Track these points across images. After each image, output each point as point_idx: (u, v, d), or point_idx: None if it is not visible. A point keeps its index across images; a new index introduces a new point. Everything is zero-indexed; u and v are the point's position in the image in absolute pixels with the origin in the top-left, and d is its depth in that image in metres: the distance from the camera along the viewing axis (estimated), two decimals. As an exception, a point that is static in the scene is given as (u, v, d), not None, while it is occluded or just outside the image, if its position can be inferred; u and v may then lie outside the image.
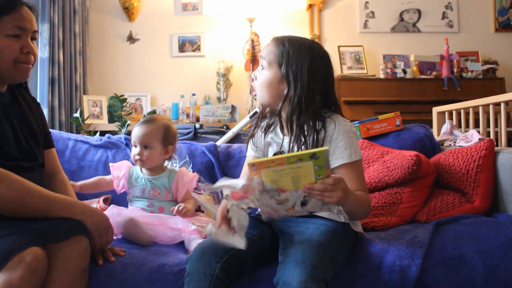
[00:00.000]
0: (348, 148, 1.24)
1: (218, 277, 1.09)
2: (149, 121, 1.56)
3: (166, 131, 1.55)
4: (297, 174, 1.03)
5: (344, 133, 1.26)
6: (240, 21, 3.91)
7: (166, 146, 1.55)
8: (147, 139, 1.52)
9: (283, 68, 1.28)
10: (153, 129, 1.53)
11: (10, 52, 1.20)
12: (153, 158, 1.53)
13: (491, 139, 1.65)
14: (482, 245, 1.24)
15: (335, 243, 1.17)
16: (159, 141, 1.53)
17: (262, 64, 1.32)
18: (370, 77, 3.83)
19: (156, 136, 1.53)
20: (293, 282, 1.02)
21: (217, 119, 3.78)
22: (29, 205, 1.13)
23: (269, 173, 1.03)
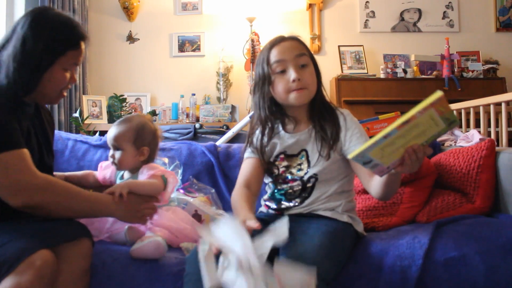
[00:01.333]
0: (363, 135, 1.32)
1: None
2: (122, 122, 1.47)
3: (139, 132, 1.45)
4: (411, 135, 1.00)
5: (354, 122, 1.35)
6: (240, 21, 3.90)
7: (139, 148, 1.44)
8: (117, 141, 1.43)
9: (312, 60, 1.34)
10: (123, 130, 1.44)
11: (62, 83, 1.26)
12: (124, 161, 1.44)
13: (491, 139, 1.64)
14: (483, 245, 1.23)
15: (337, 243, 1.17)
16: (130, 143, 1.43)
17: (301, 64, 1.30)
18: (370, 77, 3.82)
19: (126, 137, 1.43)
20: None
21: (217, 119, 3.77)
22: (76, 208, 1.18)
23: (377, 151, 1.00)
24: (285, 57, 1.28)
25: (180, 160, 1.86)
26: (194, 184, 1.72)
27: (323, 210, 1.30)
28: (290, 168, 1.34)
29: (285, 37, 1.34)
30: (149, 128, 1.49)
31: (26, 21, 1.19)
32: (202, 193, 1.68)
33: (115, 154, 1.43)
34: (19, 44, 1.17)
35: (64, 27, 1.22)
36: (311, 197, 1.31)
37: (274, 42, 1.33)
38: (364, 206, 1.62)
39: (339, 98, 3.57)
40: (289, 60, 1.28)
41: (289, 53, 1.29)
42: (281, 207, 1.34)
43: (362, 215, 1.59)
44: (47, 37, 1.18)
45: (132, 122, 1.46)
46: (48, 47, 1.18)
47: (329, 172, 1.31)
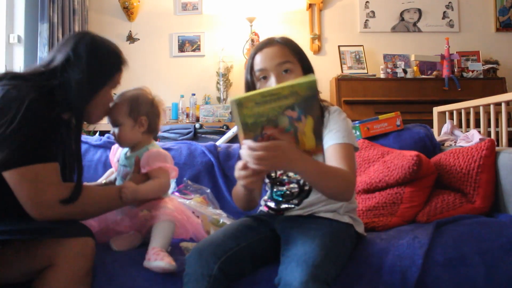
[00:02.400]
0: (340, 131, 1.24)
1: (216, 277, 1.09)
2: (117, 97, 1.44)
3: (133, 103, 1.42)
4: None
5: (336, 120, 1.27)
6: (240, 20, 3.90)
7: (136, 119, 1.42)
8: (114, 116, 1.41)
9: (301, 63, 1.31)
10: (117, 105, 1.41)
11: (110, 102, 1.37)
12: (124, 135, 1.41)
13: (492, 139, 1.64)
14: (483, 245, 1.23)
15: (338, 244, 1.17)
16: (126, 116, 1.40)
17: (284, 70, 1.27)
18: (370, 77, 3.82)
19: (121, 111, 1.40)
20: (294, 282, 1.01)
21: (217, 119, 3.77)
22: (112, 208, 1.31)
23: (257, 108, 0.96)
24: (266, 66, 1.27)
25: (180, 160, 1.86)
26: (189, 185, 1.71)
27: (324, 212, 1.29)
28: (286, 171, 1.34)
29: (271, 41, 1.31)
30: (145, 98, 1.47)
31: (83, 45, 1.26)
32: (198, 194, 1.68)
33: (115, 130, 1.42)
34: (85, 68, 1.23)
35: (114, 52, 1.35)
36: (310, 198, 1.30)
37: (257, 48, 1.32)
38: (364, 206, 1.62)
39: (339, 98, 3.57)
40: (270, 69, 1.26)
41: (270, 61, 1.27)
42: (281, 208, 1.34)
43: (362, 215, 1.59)
44: (106, 62, 1.30)
45: (125, 95, 1.45)
46: (104, 70, 1.29)
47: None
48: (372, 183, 1.65)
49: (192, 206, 1.57)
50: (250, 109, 0.95)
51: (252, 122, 0.96)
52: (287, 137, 0.99)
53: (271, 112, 0.95)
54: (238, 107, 0.95)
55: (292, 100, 0.95)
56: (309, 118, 0.98)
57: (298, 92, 0.94)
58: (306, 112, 0.97)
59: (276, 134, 0.98)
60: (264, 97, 0.94)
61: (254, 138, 0.98)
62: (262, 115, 0.96)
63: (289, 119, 0.97)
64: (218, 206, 1.69)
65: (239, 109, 0.95)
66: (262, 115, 0.96)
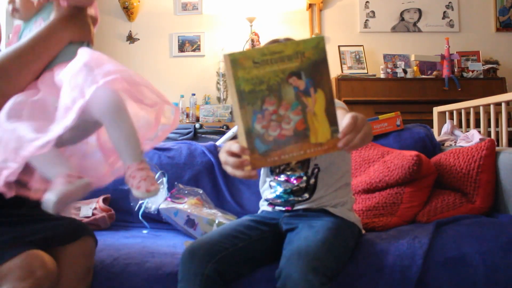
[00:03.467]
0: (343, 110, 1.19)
1: (209, 276, 1.08)
2: None
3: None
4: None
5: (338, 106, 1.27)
6: (240, 20, 3.90)
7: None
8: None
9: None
10: None
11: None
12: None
13: (492, 139, 1.64)
14: (483, 245, 1.23)
15: (341, 240, 1.17)
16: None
17: None
18: (370, 77, 3.82)
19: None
20: (294, 274, 1.01)
21: (217, 119, 3.77)
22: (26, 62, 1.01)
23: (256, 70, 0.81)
24: None
25: (180, 160, 1.86)
26: (181, 189, 1.70)
27: (331, 206, 1.30)
28: (290, 164, 1.34)
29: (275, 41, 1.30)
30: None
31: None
32: (192, 196, 1.67)
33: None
34: None
35: None
36: (318, 189, 1.31)
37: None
38: (364, 206, 1.62)
39: (339, 98, 3.57)
40: None
41: None
42: (290, 202, 1.33)
43: (362, 215, 1.59)
44: None
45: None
46: None
47: (327, 159, 1.31)
48: (372, 183, 1.65)
49: (186, 210, 1.57)
50: (247, 71, 0.79)
51: (250, 90, 0.80)
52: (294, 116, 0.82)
53: (273, 77, 0.80)
54: (233, 66, 0.79)
55: (297, 63, 0.80)
56: (320, 92, 0.82)
57: (304, 52, 0.80)
58: (315, 84, 0.82)
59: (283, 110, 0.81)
60: (264, 55, 0.79)
61: (253, 114, 0.82)
62: (261, 81, 0.80)
63: (295, 91, 0.82)
64: (213, 206, 1.68)
65: (234, 69, 0.79)
66: (262, 80, 0.80)
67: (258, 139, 0.83)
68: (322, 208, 1.29)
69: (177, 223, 1.59)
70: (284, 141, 0.84)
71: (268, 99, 0.81)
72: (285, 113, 0.82)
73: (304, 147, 0.85)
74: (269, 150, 0.84)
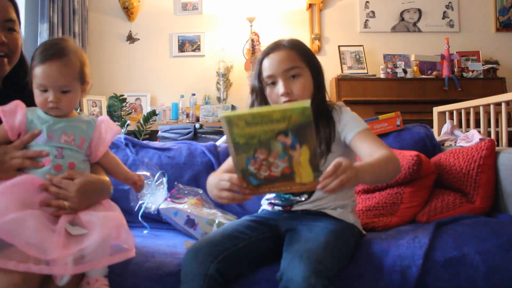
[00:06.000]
0: (357, 120, 1.31)
1: (212, 277, 1.08)
2: (60, 55, 1.15)
3: (83, 66, 1.20)
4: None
5: (346, 112, 1.34)
6: (240, 20, 3.90)
7: (83, 85, 1.21)
8: (66, 81, 1.15)
9: (310, 66, 1.31)
10: (71, 68, 1.16)
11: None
12: (73, 103, 1.19)
13: (492, 139, 1.64)
14: (483, 245, 1.23)
15: (342, 242, 1.17)
16: (78, 81, 1.19)
17: (291, 75, 1.28)
18: (370, 77, 3.82)
19: (75, 75, 1.17)
20: (296, 277, 1.01)
21: (217, 119, 3.77)
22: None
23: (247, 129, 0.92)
24: (274, 72, 1.28)
25: (180, 160, 1.86)
26: (181, 189, 1.70)
27: (331, 208, 1.30)
28: None
29: (278, 45, 1.31)
30: (86, 58, 1.25)
31: None
32: (191, 196, 1.67)
33: (62, 97, 1.15)
34: None
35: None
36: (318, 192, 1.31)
37: (264, 53, 1.32)
38: (364, 206, 1.62)
39: (339, 98, 3.57)
40: (277, 75, 1.27)
41: (277, 67, 1.27)
42: (290, 203, 1.33)
43: (362, 215, 1.59)
44: None
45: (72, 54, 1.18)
46: None
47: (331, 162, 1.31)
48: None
49: (186, 210, 1.57)
50: (240, 129, 0.91)
51: (244, 143, 0.92)
52: (282, 163, 0.95)
53: (263, 134, 0.91)
54: (228, 125, 0.91)
55: (284, 125, 0.89)
56: (305, 148, 0.92)
57: (290, 117, 0.89)
58: (301, 141, 0.91)
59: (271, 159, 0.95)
60: (254, 118, 0.89)
61: (247, 160, 0.95)
62: (253, 137, 0.91)
63: (282, 146, 0.92)
64: (213, 206, 1.68)
65: (229, 127, 0.91)
66: (254, 136, 0.91)
67: (252, 176, 0.99)
68: (321, 211, 1.29)
69: (177, 223, 1.58)
70: (273, 179, 0.98)
71: (259, 150, 0.94)
72: (274, 160, 0.95)
73: (290, 184, 0.99)
74: (261, 184, 1.00)
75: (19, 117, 1.15)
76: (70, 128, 1.17)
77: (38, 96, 1.15)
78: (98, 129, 1.22)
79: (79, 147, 1.18)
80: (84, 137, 1.19)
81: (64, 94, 1.15)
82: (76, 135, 1.18)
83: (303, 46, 1.34)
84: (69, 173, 1.13)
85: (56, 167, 1.13)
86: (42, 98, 1.15)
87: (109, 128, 1.25)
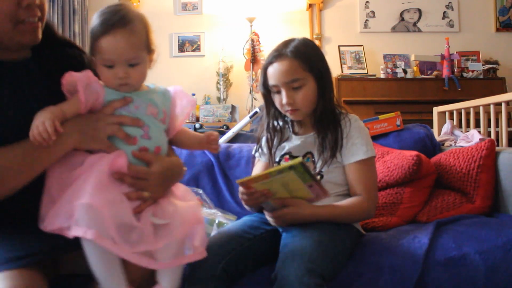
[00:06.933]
0: (365, 145, 1.29)
1: (219, 277, 1.09)
2: (124, 23, 1.00)
3: (148, 32, 1.08)
4: (285, 182, 1.13)
5: (359, 130, 1.31)
6: (240, 20, 3.90)
7: (150, 54, 1.09)
8: (134, 52, 1.02)
9: (314, 73, 1.30)
10: (136, 36, 1.03)
11: (3, 9, 0.95)
12: (143, 77, 1.07)
13: (492, 139, 1.64)
14: (483, 245, 1.23)
15: (337, 242, 1.17)
16: (145, 51, 1.07)
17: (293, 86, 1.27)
18: (370, 77, 3.82)
19: (142, 45, 1.05)
20: (290, 276, 1.02)
21: (217, 119, 3.77)
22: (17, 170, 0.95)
23: (260, 185, 1.13)
24: (277, 82, 1.28)
25: (180, 160, 1.86)
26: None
27: None
28: None
29: (281, 54, 1.29)
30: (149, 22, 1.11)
31: None
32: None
33: (131, 71, 1.02)
34: None
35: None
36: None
37: (268, 62, 1.31)
38: (364, 206, 1.62)
39: (339, 98, 3.57)
40: (280, 85, 1.28)
41: (279, 78, 1.28)
42: None
43: (362, 215, 1.59)
44: None
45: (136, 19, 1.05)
46: None
47: (334, 173, 1.31)
48: (372, 183, 1.65)
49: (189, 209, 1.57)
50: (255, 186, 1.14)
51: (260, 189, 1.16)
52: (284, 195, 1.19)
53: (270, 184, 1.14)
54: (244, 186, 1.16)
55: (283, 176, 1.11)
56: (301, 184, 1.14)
57: (285, 172, 1.09)
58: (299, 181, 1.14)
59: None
60: (258, 181, 1.13)
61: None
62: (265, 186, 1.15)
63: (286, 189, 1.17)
64: (213, 206, 1.68)
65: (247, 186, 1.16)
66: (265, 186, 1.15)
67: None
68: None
69: (177, 223, 1.58)
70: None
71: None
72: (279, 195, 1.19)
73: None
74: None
75: (96, 86, 1.00)
76: (153, 100, 1.06)
77: (104, 74, 1.01)
78: (173, 101, 1.11)
79: (162, 121, 1.07)
80: (166, 110, 1.07)
81: (132, 67, 1.02)
82: (159, 107, 1.06)
83: (308, 51, 1.31)
84: (147, 158, 1.01)
85: (142, 150, 1.01)
86: (109, 74, 1.00)
87: (185, 99, 1.13)
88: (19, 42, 1.01)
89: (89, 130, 0.98)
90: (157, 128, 1.05)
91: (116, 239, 0.89)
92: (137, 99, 1.03)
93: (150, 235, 0.94)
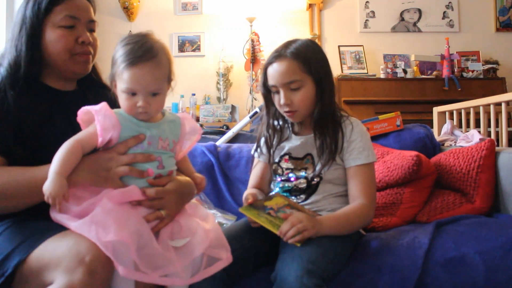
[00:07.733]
0: (366, 150, 1.29)
1: (220, 278, 1.09)
2: (151, 57, 1.03)
3: (171, 64, 1.10)
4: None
5: (361, 134, 1.31)
6: (240, 20, 3.90)
7: (169, 84, 1.11)
8: (158, 84, 1.03)
9: (313, 75, 1.29)
10: (161, 69, 1.05)
11: (64, 43, 1.15)
12: (162, 106, 1.08)
13: (491, 139, 1.64)
14: (483, 245, 1.23)
15: (336, 243, 1.17)
16: (167, 82, 1.08)
17: (291, 88, 1.27)
18: (370, 77, 3.83)
19: (165, 77, 1.07)
20: (289, 277, 1.02)
21: (217, 119, 3.77)
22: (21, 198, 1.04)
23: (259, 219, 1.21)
24: (276, 83, 1.29)
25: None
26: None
27: (328, 210, 1.30)
28: (294, 170, 1.34)
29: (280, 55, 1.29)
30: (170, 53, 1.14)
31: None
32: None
33: (151, 101, 1.03)
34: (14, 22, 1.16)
35: None
36: (316, 194, 1.31)
37: (268, 62, 1.32)
38: (364, 206, 1.62)
39: (339, 98, 3.57)
40: (279, 86, 1.28)
41: (278, 79, 1.28)
42: None
43: (362, 215, 1.59)
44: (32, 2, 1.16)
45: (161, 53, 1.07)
46: (33, 10, 1.15)
47: (333, 174, 1.31)
48: (372, 183, 1.65)
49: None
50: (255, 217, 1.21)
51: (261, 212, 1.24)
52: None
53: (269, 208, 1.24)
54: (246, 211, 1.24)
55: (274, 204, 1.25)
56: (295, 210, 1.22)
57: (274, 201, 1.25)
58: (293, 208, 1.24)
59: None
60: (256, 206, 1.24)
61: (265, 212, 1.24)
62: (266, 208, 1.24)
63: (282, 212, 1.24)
64: (212, 206, 1.68)
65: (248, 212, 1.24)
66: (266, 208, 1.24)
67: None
68: (318, 213, 1.29)
69: (177, 223, 1.58)
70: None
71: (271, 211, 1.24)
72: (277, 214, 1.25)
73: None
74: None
75: (112, 120, 1.01)
76: (164, 132, 1.07)
77: (125, 100, 1.03)
78: (183, 128, 1.12)
79: (172, 150, 1.09)
80: (175, 139, 1.10)
81: (153, 97, 1.04)
82: (169, 139, 1.08)
83: (308, 53, 1.30)
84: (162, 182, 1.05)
85: (157, 177, 1.05)
86: (130, 102, 1.02)
87: (192, 127, 1.15)
88: (72, 71, 1.20)
89: (101, 171, 1.01)
90: (168, 156, 1.08)
91: (143, 268, 0.91)
92: (149, 135, 1.04)
93: (173, 256, 0.97)
